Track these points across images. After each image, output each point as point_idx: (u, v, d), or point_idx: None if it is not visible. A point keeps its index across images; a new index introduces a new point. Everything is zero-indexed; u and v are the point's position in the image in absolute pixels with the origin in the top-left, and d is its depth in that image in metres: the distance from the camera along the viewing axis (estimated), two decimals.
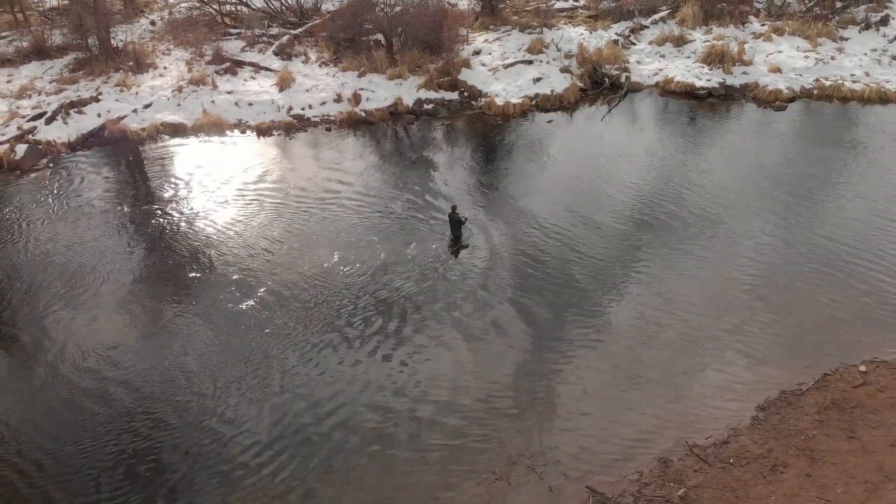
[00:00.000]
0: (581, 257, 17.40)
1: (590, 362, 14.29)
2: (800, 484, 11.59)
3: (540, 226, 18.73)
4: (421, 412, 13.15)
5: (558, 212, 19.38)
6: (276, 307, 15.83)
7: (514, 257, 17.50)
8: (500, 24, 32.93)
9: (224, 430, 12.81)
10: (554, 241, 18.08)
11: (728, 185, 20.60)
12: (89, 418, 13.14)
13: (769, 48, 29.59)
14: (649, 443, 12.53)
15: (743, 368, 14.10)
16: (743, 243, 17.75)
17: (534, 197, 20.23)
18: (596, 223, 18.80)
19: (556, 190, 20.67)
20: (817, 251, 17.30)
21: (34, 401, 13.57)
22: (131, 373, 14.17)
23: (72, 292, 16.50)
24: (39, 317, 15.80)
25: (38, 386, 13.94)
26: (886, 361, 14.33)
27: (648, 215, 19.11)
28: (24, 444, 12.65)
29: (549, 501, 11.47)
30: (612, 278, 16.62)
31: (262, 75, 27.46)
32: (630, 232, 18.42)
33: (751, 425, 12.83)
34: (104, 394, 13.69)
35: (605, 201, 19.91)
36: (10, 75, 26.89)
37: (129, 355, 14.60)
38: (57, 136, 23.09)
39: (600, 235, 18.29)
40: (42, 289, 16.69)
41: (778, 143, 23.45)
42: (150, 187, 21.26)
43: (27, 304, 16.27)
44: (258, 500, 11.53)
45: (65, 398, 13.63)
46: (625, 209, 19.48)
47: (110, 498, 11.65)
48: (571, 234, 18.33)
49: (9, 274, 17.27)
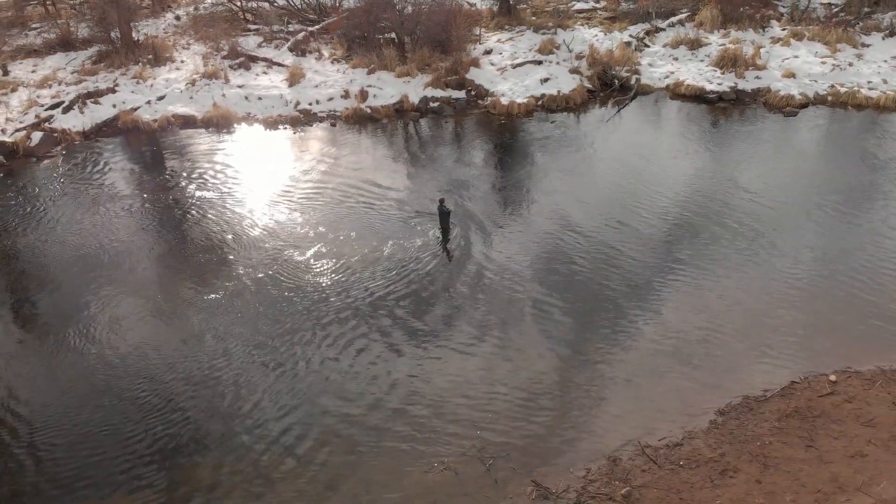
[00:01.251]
0: (566, 251, 17.49)
1: (555, 360, 14.37)
2: (748, 490, 11.51)
3: (525, 222, 18.89)
4: (389, 402, 13.41)
5: (544, 210, 19.48)
6: (288, 290, 16.33)
7: (483, 248, 17.67)
8: (516, 24, 33.01)
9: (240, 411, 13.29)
10: (537, 236, 18.21)
11: (727, 189, 20.42)
12: (121, 398, 13.70)
13: (786, 53, 29.08)
14: (602, 441, 12.56)
15: (708, 372, 14.03)
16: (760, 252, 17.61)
17: (517, 194, 20.40)
18: (590, 223, 18.85)
19: (539, 189, 20.76)
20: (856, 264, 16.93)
21: (65, 377, 14.21)
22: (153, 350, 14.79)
23: (83, 271, 17.34)
24: (55, 293, 16.64)
25: (63, 365, 14.60)
26: (860, 372, 14.07)
27: (636, 214, 19.07)
28: (53, 421, 13.17)
29: (492, 493, 11.60)
30: (600, 277, 16.67)
31: (274, 70, 28.07)
32: (620, 228, 18.42)
33: (707, 429, 12.76)
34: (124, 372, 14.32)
35: (599, 203, 19.91)
36: (36, 65, 28.01)
37: (142, 330, 15.22)
38: (72, 124, 24.02)
39: (591, 234, 18.34)
40: (53, 266, 17.57)
41: (788, 150, 23.05)
42: (155, 175, 21.99)
43: (40, 281, 17.09)
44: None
45: (92, 374, 14.25)
46: (615, 209, 19.45)
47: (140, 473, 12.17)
48: (558, 231, 18.42)
49: (16, 254, 18.13)
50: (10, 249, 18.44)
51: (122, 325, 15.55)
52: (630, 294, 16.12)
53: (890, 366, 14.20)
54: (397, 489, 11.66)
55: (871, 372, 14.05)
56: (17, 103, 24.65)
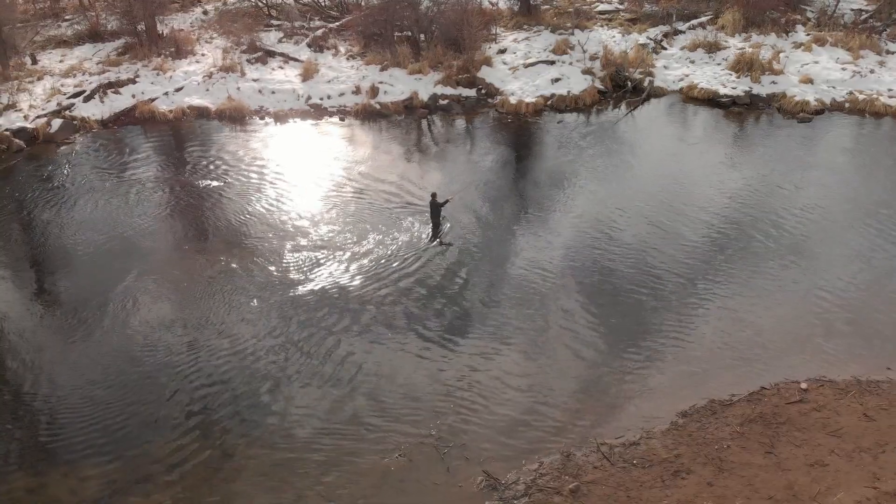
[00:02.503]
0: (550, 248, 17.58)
1: (523, 357, 14.50)
2: (697, 492, 11.47)
3: (512, 219, 19.02)
4: (363, 388, 13.74)
5: (550, 209, 19.61)
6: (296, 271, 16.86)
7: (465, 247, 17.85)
8: (535, 23, 33.01)
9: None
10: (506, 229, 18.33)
11: (726, 197, 20.23)
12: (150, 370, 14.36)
13: (806, 58, 28.49)
14: (560, 436, 12.65)
15: (678, 374, 13.99)
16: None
17: (508, 194, 20.52)
18: (599, 219, 18.91)
19: (523, 190, 20.89)
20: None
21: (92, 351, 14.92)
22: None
23: (95, 251, 18.21)
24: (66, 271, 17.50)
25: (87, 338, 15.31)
26: (833, 381, 13.87)
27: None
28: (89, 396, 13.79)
29: (442, 479, 11.80)
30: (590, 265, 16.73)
31: (290, 65, 28.64)
32: (602, 223, 18.43)
33: (667, 430, 12.74)
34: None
35: (581, 205, 19.94)
36: (64, 55, 29.13)
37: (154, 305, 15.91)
38: (92, 113, 24.93)
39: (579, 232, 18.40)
40: (67, 246, 18.50)
41: (794, 155, 22.68)
42: (162, 162, 22.78)
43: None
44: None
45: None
46: (596, 211, 19.47)
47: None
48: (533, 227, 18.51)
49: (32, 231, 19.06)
50: (27, 226, 19.35)
51: (139, 298, 16.26)
52: (616, 289, 16.14)
53: (868, 377, 13.98)
54: (350, 471, 11.94)
55: (846, 382, 13.84)
56: (41, 91, 25.69)
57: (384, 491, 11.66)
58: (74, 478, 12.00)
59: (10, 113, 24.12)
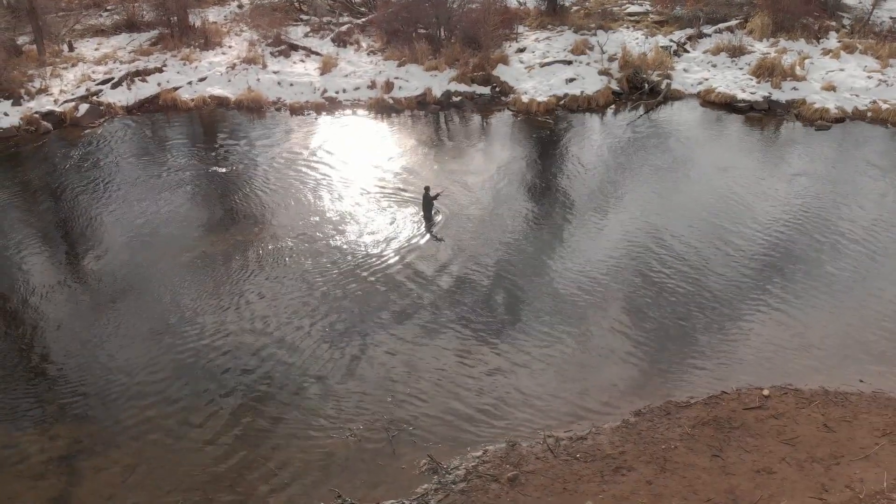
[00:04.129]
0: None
1: (499, 350, 14.72)
2: (635, 489, 11.51)
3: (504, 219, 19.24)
4: (325, 370, 14.20)
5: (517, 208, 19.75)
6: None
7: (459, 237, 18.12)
8: (559, 23, 32.99)
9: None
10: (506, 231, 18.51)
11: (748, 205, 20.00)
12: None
13: (831, 65, 27.77)
14: (510, 428, 12.83)
15: (640, 373, 14.01)
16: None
17: (509, 194, 20.71)
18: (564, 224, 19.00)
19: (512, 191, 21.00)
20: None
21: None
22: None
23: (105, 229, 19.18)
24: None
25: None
26: (799, 390, 13.66)
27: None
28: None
29: (386, 461, 12.13)
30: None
31: (311, 59, 29.37)
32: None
33: (617, 427, 12.78)
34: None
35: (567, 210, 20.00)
36: (100, 44, 30.50)
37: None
38: (118, 99, 26.09)
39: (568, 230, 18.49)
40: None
41: (815, 163, 22.28)
42: (180, 148, 23.74)
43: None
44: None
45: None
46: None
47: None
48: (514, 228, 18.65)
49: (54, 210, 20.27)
50: (48, 201, 20.63)
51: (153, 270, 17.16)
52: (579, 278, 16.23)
53: (837, 387, 13.72)
54: (300, 449, 12.38)
55: (812, 391, 13.62)
56: (73, 77, 27.00)
57: (330, 467, 12.05)
58: (46, 436, 12.77)
59: (41, 97, 25.47)
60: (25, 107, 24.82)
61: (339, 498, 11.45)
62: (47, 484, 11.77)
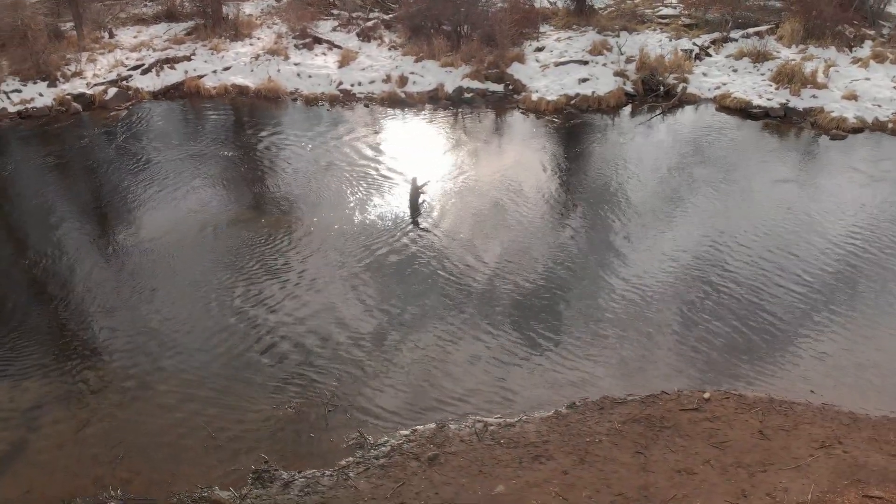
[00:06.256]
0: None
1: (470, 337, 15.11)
2: (549, 477, 11.70)
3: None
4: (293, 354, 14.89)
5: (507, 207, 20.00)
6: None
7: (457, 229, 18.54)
8: (585, 24, 32.92)
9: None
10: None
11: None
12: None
13: (858, 74, 26.88)
14: (446, 411, 13.18)
15: (588, 370, 14.15)
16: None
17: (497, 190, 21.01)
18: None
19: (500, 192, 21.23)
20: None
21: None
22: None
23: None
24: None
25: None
26: (742, 396, 13.56)
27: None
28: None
29: (317, 434, 12.67)
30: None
31: (332, 52, 30.23)
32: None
33: (547, 417, 12.97)
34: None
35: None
36: (139, 32, 32.14)
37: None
38: (146, 85, 27.52)
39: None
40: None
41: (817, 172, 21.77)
42: (200, 133, 24.93)
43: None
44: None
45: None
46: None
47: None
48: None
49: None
50: (75, 177, 22.13)
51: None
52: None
53: (783, 396, 13.55)
54: (239, 418, 13.06)
55: (756, 397, 13.49)
56: (107, 63, 28.59)
57: (264, 435, 12.69)
58: (19, 388, 13.86)
59: (75, 80, 27.10)
60: (59, 88, 26.48)
61: (266, 463, 12.07)
62: (7, 431, 12.80)
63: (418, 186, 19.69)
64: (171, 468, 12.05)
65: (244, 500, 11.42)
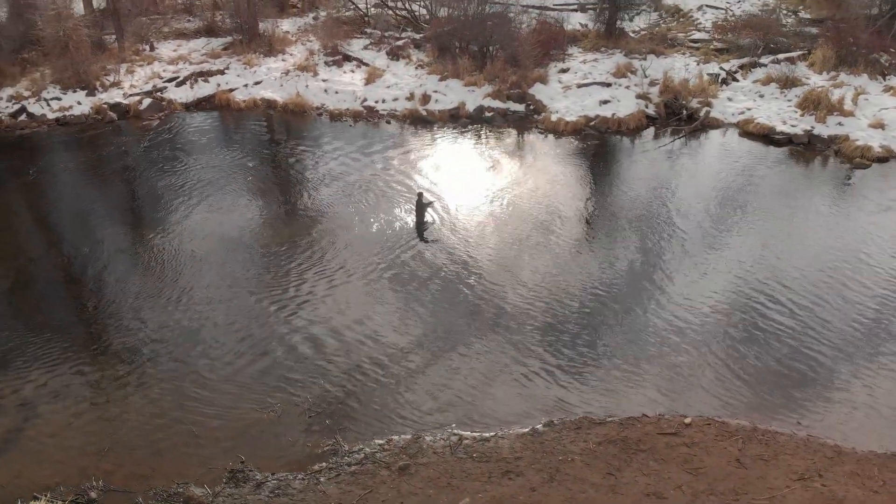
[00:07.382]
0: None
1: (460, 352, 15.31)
2: (516, 493, 11.74)
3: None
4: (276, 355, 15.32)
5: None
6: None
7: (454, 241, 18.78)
8: (613, 46, 32.95)
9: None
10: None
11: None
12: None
13: (888, 102, 26.23)
14: (424, 423, 13.36)
15: (572, 389, 14.16)
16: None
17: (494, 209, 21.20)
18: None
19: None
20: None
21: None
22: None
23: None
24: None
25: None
26: (724, 423, 13.37)
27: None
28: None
29: (296, 437, 12.99)
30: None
31: (360, 70, 30.95)
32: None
33: (523, 434, 13.02)
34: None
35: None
36: (179, 45, 33.47)
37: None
38: (179, 97, 28.65)
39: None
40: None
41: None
42: (226, 145, 25.83)
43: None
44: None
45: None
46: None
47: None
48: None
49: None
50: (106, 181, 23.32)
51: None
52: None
53: (767, 426, 13.31)
54: (222, 419, 13.48)
55: (738, 426, 13.29)
56: (144, 74, 29.88)
57: (244, 437, 13.06)
58: (24, 380, 14.58)
59: (113, 90, 28.41)
60: (97, 97, 27.79)
61: (242, 463, 12.43)
62: (5, 418, 13.49)
63: (424, 203, 19.99)
64: (152, 463, 12.53)
65: (216, 498, 11.78)
